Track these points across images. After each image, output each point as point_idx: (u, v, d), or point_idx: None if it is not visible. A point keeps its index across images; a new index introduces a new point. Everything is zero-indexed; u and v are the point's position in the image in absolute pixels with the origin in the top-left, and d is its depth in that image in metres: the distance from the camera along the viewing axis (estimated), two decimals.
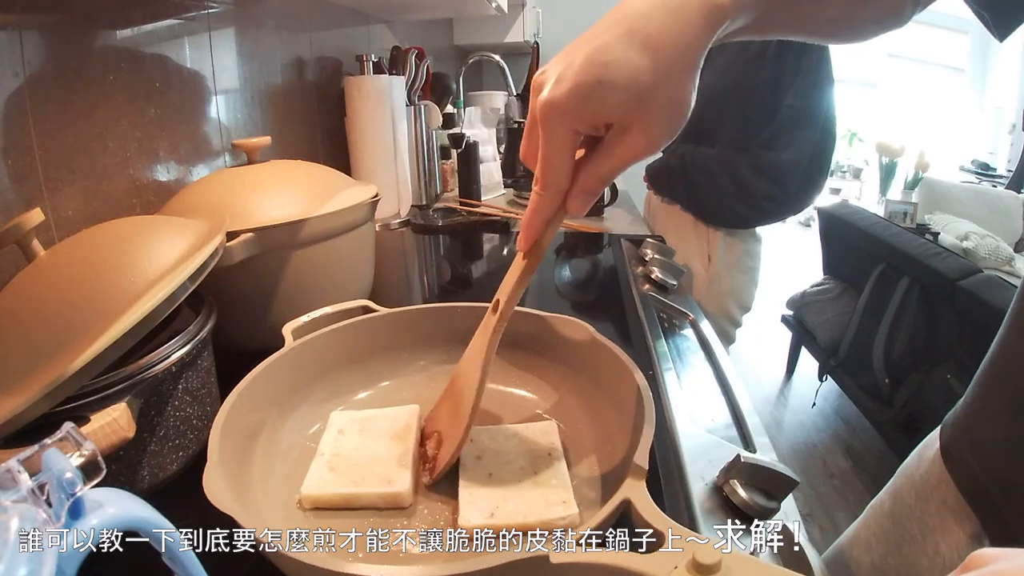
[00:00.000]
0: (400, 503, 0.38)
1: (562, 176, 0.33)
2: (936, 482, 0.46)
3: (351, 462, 0.40)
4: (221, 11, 0.82)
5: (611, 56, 0.29)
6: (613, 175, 0.33)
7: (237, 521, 0.29)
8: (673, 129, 0.31)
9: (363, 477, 0.39)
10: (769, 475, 0.37)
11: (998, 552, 0.19)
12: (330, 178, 0.66)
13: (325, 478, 0.39)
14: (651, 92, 0.30)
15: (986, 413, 0.42)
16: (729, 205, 1.20)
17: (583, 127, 0.32)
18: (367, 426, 0.43)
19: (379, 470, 0.39)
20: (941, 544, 0.43)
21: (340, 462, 0.40)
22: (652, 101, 0.30)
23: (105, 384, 0.36)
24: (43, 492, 0.18)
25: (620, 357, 0.43)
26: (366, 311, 0.53)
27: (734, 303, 1.28)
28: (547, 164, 0.33)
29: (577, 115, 0.31)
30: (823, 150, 1.15)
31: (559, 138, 0.32)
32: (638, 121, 0.30)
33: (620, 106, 0.30)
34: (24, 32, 0.52)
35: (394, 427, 0.43)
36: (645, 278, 0.84)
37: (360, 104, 1.08)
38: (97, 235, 0.43)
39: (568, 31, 3.06)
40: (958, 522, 0.43)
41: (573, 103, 0.30)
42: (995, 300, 1.50)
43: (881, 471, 1.93)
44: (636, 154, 0.32)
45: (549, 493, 0.37)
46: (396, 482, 0.38)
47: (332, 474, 0.39)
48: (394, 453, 0.41)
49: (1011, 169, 3.64)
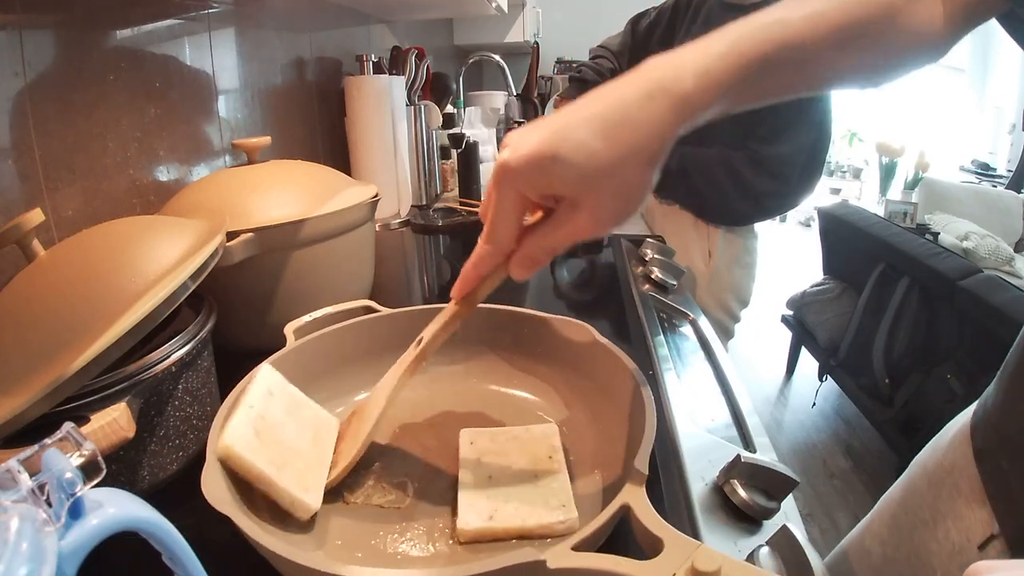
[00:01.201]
0: (301, 514, 0.35)
1: (506, 235, 0.34)
2: (949, 468, 0.46)
3: (275, 438, 0.37)
4: (221, 11, 0.82)
5: (572, 135, 0.31)
6: (557, 249, 0.34)
7: (235, 522, 0.29)
8: (621, 215, 0.32)
9: (284, 466, 0.36)
10: (769, 475, 0.37)
11: (996, 564, 0.19)
12: (330, 178, 0.66)
13: (250, 441, 0.35)
14: (602, 176, 0.31)
15: (1016, 410, 0.42)
16: (730, 203, 1.20)
17: (532, 194, 0.33)
18: (294, 408, 0.41)
19: (301, 467, 0.37)
20: (952, 529, 0.44)
21: (265, 429, 0.37)
22: (602, 185, 0.31)
23: (105, 384, 0.36)
24: (43, 492, 0.18)
25: (622, 359, 0.43)
26: (368, 311, 0.53)
27: (733, 298, 1.29)
28: (493, 222, 0.34)
29: (528, 181, 0.32)
30: (820, 142, 1.15)
31: (508, 199, 0.33)
32: (587, 201, 0.32)
33: (571, 183, 0.31)
34: (24, 32, 0.52)
35: (318, 430, 0.41)
36: (645, 278, 0.84)
37: (360, 104, 1.08)
38: (97, 235, 0.43)
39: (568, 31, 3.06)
40: (969, 507, 0.43)
41: (526, 169, 0.31)
42: (995, 300, 1.50)
43: (881, 471, 1.93)
44: (581, 231, 0.32)
45: (549, 496, 0.37)
46: (311, 493, 0.36)
47: (257, 440, 0.35)
48: (316, 459, 0.38)
49: (1011, 169, 3.64)
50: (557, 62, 3.06)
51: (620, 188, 0.31)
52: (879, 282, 1.95)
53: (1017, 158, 3.55)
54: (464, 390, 0.50)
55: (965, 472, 0.45)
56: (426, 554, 0.35)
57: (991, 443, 0.43)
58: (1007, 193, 2.97)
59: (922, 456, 0.52)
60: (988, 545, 0.41)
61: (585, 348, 0.47)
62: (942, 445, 0.49)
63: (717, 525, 0.37)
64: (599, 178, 0.31)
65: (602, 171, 0.30)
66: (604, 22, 3.24)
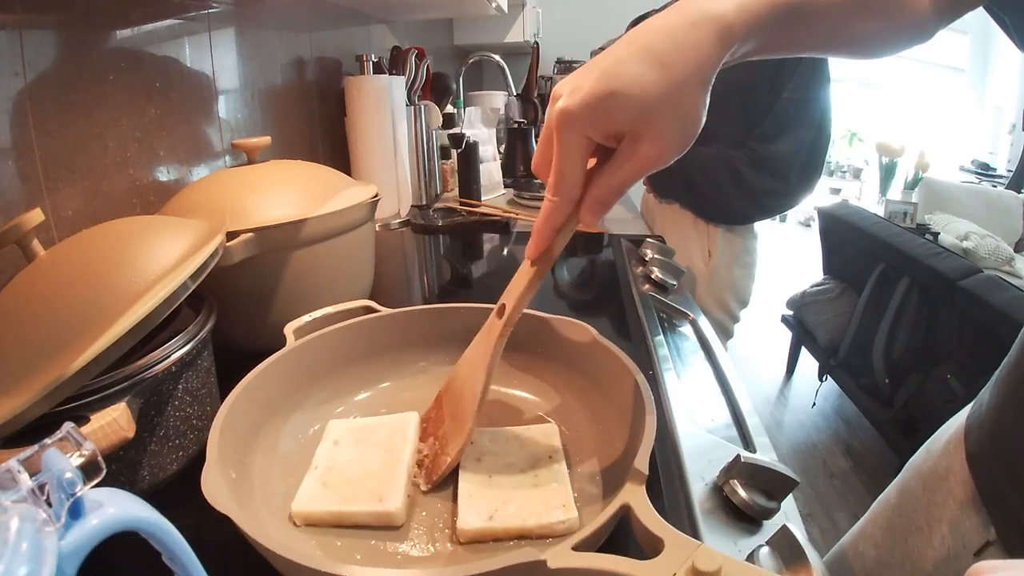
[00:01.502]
0: (391, 522, 0.36)
1: (574, 183, 0.34)
2: (944, 473, 0.46)
3: (344, 476, 0.39)
4: (221, 11, 0.82)
5: (625, 69, 0.31)
6: (625, 186, 0.34)
7: (235, 522, 0.29)
8: (683, 141, 0.32)
9: (354, 493, 0.37)
10: (769, 475, 0.37)
11: (998, 564, 0.19)
12: (330, 178, 0.66)
13: (316, 494, 0.37)
14: (662, 104, 0.31)
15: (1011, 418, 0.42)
16: (729, 202, 1.20)
17: (596, 135, 0.33)
18: (364, 436, 0.42)
19: (372, 486, 0.38)
20: (947, 534, 0.44)
21: (333, 476, 0.39)
22: (662, 112, 0.31)
23: (105, 384, 0.36)
24: (43, 492, 0.18)
25: (622, 359, 0.43)
26: (368, 311, 0.53)
27: (733, 298, 1.29)
28: (560, 171, 0.34)
29: (590, 123, 0.32)
30: (820, 141, 1.15)
31: (572, 145, 0.33)
32: (649, 131, 0.32)
33: (632, 116, 0.31)
34: (24, 32, 0.52)
35: (391, 437, 0.42)
36: (645, 278, 0.84)
37: (360, 104, 1.08)
38: (97, 235, 0.43)
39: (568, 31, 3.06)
40: (964, 512, 0.43)
41: (587, 111, 0.31)
42: (995, 300, 1.50)
43: (881, 471, 1.93)
44: (646, 163, 0.32)
45: (549, 496, 0.37)
46: (388, 500, 0.36)
47: (324, 490, 0.38)
48: (389, 467, 0.39)
49: (1011, 169, 3.64)
50: (557, 62, 3.06)
51: (678, 113, 0.32)
52: (879, 282, 1.95)
53: (1017, 158, 3.55)
54: None
55: (960, 477, 0.44)
56: (426, 554, 0.35)
57: (984, 449, 0.43)
58: (1007, 193, 2.97)
59: (916, 460, 0.52)
60: (984, 552, 0.41)
61: (585, 348, 0.47)
62: (936, 449, 0.49)
63: (717, 525, 0.37)
64: (658, 106, 0.31)
65: (661, 99, 0.31)
66: (604, 22, 3.24)
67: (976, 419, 0.46)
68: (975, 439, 0.45)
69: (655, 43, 0.32)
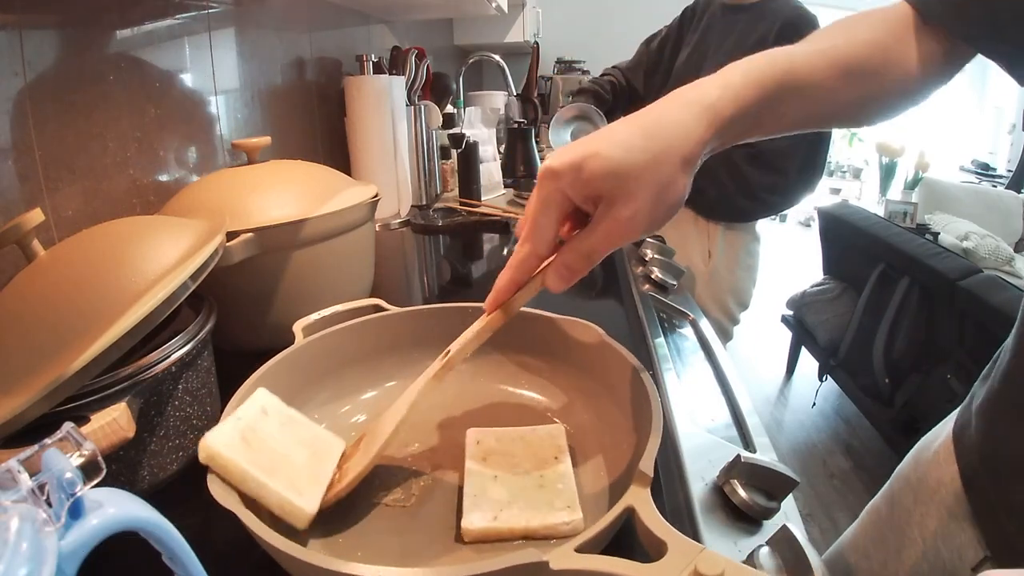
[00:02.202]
0: (295, 522, 0.33)
1: (546, 236, 0.35)
2: (936, 485, 0.46)
3: (266, 446, 0.35)
4: (221, 11, 0.82)
5: (612, 136, 0.33)
6: (595, 253, 0.34)
7: (240, 518, 0.28)
8: (658, 211, 0.33)
9: (274, 471, 0.34)
10: (769, 475, 0.37)
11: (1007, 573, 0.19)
12: (330, 178, 0.66)
13: (235, 444, 0.33)
14: (640, 170, 0.32)
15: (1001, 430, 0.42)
16: (730, 200, 1.20)
17: (574, 193, 0.34)
18: (290, 425, 0.39)
19: (293, 476, 0.35)
20: (942, 548, 0.43)
21: (255, 439, 0.35)
22: (640, 178, 0.32)
23: (105, 384, 0.36)
24: (43, 492, 0.18)
25: (629, 360, 0.43)
26: (377, 310, 0.52)
27: (733, 300, 1.29)
28: (534, 220, 0.35)
29: (569, 179, 0.33)
30: (819, 137, 1.15)
31: (549, 197, 0.34)
32: (623, 194, 0.32)
33: (609, 176, 0.32)
34: (24, 32, 0.52)
35: (316, 445, 0.39)
36: (645, 278, 0.84)
37: (360, 104, 1.08)
38: (97, 235, 0.43)
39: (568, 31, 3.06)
40: (959, 526, 0.42)
41: (568, 168, 0.33)
42: (995, 300, 1.50)
43: (881, 471, 1.92)
44: (619, 228, 0.33)
45: (554, 498, 0.37)
46: (305, 497, 0.34)
47: (243, 444, 0.34)
48: (312, 471, 0.37)
49: (1011, 169, 3.64)
50: (557, 62, 3.06)
51: (655, 182, 0.32)
52: (879, 282, 1.95)
53: (1017, 158, 3.56)
54: (471, 390, 0.50)
55: (951, 488, 0.44)
56: (430, 553, 0.35)
57: (974, 465, 0.43)
58: (1007, 193, 2.97)
59: (904, 469, 0.51)
60: (982, 566, 0.40)
61: (592, 348, 0.47)
62: (925, 459, 0.48)
63: (717, 525, 0.37)
64: (636, 171, 0.32)
65: (639, 165, 0.32)
66: (604, 22, 3.25)
67: (962, 435, 0.45)
68: (966, 459, 0.44)
69: (646, 119, 0.34)
